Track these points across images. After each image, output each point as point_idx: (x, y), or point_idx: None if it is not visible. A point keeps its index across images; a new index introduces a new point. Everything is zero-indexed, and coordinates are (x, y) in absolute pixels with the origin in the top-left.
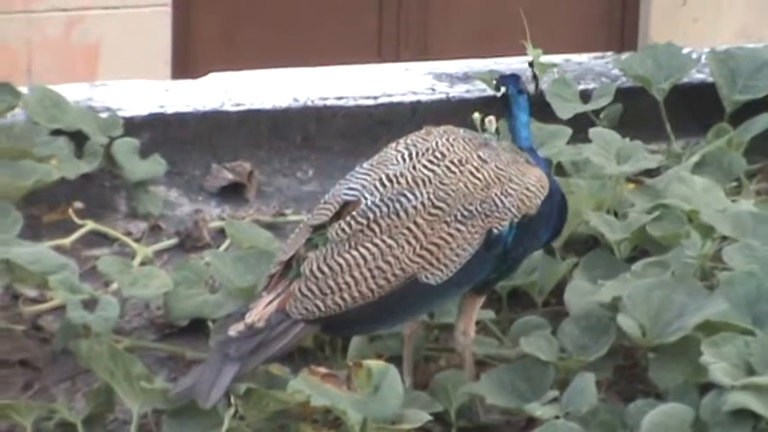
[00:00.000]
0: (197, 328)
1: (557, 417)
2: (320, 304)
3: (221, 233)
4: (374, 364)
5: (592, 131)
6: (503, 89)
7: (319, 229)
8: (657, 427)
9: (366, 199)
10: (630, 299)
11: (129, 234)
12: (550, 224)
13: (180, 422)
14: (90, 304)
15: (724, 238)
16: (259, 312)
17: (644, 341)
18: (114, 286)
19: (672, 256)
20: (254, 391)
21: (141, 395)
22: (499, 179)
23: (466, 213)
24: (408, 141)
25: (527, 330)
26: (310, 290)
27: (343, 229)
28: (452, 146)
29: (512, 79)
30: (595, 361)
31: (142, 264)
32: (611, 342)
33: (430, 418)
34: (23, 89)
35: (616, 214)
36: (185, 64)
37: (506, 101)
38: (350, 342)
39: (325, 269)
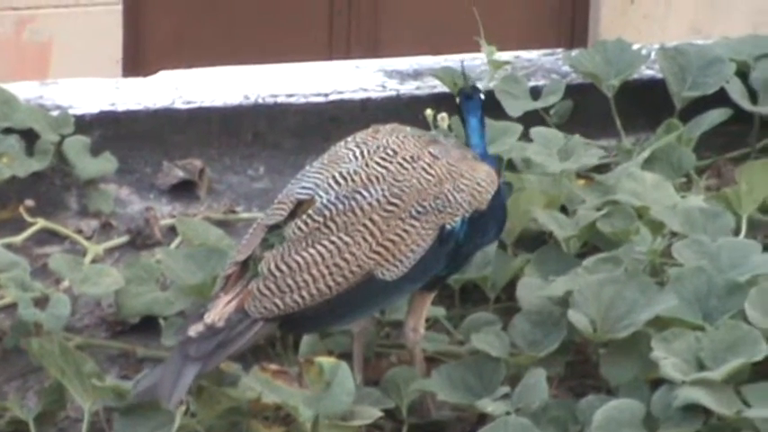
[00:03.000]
0: (148, 325)
1: (508, 413)
2: (279, 302)
3: (172, 231)
4: (325, 360)
5: (533, 131)
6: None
7: (274, 228)
8: (609, 422)
9: (321, 197)
10: (581, 294)
11: (80, 232)
12: (499, 220)
13: (131, 420)
14: (41, 302)
15: (674, 233)
16: (218, 312)
17: (595, 337)
18: (65, 284)
19: (622, 252)
20: (205, 388)
21: (92, 393)
22: (451, 175)
23: (420, 209)
24: (358, 139)
25: (478, 326)
26: (269, 288)
27: (299, 228)
28: (403, 143)
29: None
30: (546, 357)
31: (93, 261)
32: (562, 338)
33: (381, 414)
34: None
35: (566, 210)
36: (136, 63)
37: (459, 111)
38: (301, 339)
39: (283, 267)
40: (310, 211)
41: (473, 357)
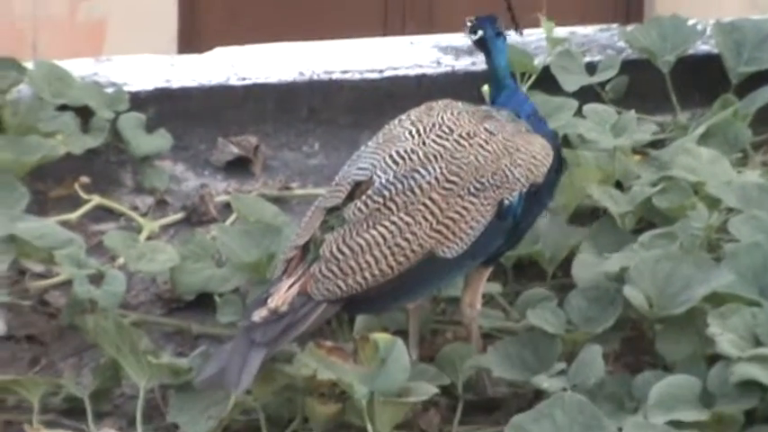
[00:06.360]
0: (204, 302)
1: (564, 389)
2: (342, 284)
3: (227, 207)
4: (380, 337)
5: (586, 107)
6: (479, 33)
7: (333, 210)
8: (665, 398)
9: (379, 177)
10: (637, 270)
11: (135, 209)
12: (552, 191)
13: (187, 397)
14: (96, 279)
15: (730, 209)
16: (282, 296)
17: (651, 313)
18: (121, 261)
19: (678, 228)
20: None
21: (148, 370)
22: (507, 150)
23: (478, 186)
24: (413, 117)
25: (533, 303)
26: (331, 271)
27: (359, 209)
28: (458, 120)
29: (488, 21)
30: (602, 333)
31: (148, 238)
32: (618, 314)
33: (437, 390)
34: (29, 65)
35: (622, 186)
36: (191, 40)
37: (483, 45)
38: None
39: (345, 250)
40: (369, 192)
41: (529, 334)
